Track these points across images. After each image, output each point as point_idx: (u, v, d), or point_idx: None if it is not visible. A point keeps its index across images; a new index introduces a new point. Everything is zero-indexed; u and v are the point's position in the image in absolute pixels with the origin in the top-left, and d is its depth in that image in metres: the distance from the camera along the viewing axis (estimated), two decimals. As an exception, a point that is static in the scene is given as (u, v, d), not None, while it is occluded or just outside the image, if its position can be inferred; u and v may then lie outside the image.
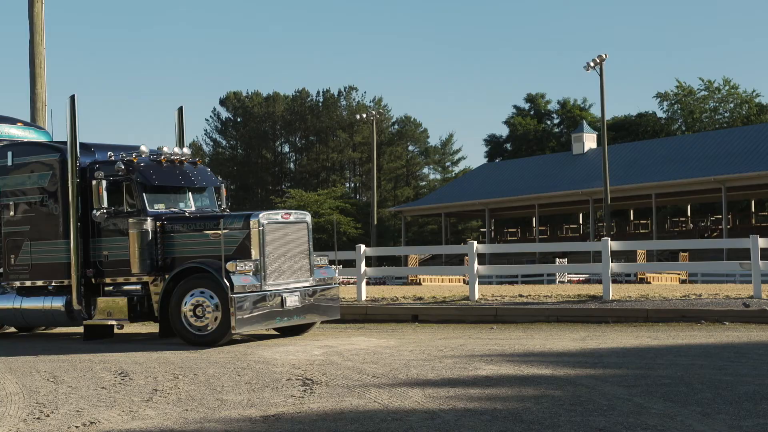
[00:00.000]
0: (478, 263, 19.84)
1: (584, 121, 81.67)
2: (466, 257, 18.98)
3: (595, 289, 20.98)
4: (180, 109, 17.91)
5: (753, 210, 70.60)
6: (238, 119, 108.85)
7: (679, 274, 38.15)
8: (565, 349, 12.72)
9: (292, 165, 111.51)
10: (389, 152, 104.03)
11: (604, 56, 52.67)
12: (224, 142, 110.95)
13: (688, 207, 72.73)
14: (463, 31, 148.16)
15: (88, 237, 15.72)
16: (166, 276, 14.94)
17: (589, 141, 73.88)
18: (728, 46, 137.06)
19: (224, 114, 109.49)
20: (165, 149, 16.20)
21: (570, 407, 8.42)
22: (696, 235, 62.10)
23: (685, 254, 44.28)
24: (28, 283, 16.30)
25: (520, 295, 19.99)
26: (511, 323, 17.15)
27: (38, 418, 8.74)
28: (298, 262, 15.29)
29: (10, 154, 16.51)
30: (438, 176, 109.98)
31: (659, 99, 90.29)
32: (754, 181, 58.26)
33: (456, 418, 8.11)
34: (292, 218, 15.41)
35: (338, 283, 16.40)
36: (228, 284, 14.10)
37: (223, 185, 16.98)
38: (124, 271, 15.35)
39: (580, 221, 77.11)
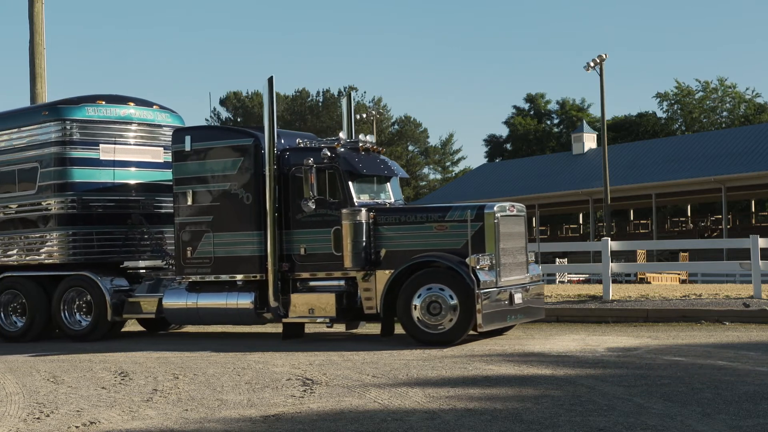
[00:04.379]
0: (478, 263, 19.77)
1: (584, 121, 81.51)
2: (466, 257, 18.89)
3: (595, 289, 20.97)
4: (349, 95, 17.24)
5: (753, 210, 70.55)
6: (238, 119, 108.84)
7: (679, 274, 38.13)
8: (565, 349, 12.72)
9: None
10: (389, 152, 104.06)
11: (604, 56, 52.56)
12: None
13: (688, 207, 72.68)
14: (463, 31, 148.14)
15: (281, 229, 14.66)
16: (386, 271, 13.94)
17: (589, 141, 73.79)
18: (728, 47, 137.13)
19: (224, 114, 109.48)
20: (361, 137, 15.46)
21: (570, 407, 8.42)
22: (696, 235, 61.98)
23: (685, 254, 44.26)
24: (211, 277, 15.02)
25: (520, 295, 19.96)
26: (511, 323, 17.12)
27: (38, 418, 8.75)
28: (519, 257, 14.56)
29: (188, 138, 15.28)
30: (438, 176, 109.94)
31: (659, 99, 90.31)
32: (754, 181, 58.19)
33: (456, 418, 8.11)
34: (515, 211, 14.63)
35: (543, 281, 15.60)
36: (474, 280, 13.31)
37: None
38: (325, 265, 14.41)
39: (580, 221, 77.05)
